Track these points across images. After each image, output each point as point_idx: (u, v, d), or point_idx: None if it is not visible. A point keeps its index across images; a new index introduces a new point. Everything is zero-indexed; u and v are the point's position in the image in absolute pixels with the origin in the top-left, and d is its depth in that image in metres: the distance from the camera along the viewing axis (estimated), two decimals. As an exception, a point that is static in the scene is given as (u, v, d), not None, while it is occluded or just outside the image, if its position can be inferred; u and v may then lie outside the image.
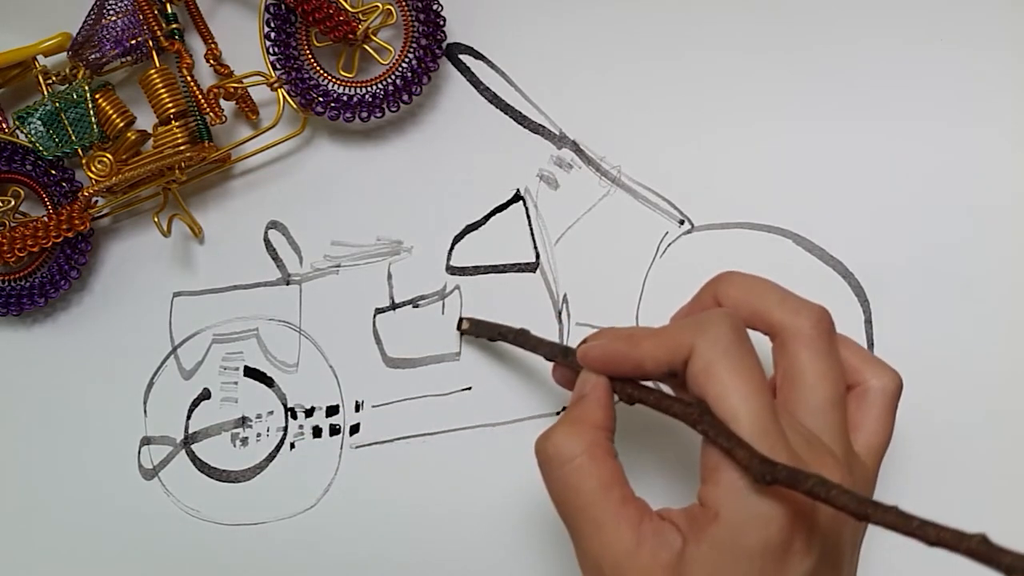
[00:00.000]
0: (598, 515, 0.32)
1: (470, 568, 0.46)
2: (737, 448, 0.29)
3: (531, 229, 0.46)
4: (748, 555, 0.30)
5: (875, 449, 0.35)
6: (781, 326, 0.34)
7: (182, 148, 0.44)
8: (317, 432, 0.47)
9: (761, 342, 0.34)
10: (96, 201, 0.46)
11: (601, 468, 0.33)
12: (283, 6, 0.45)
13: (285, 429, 0.47)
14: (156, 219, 0.46)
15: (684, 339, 0.32)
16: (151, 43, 0.45)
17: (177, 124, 0.44)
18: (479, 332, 0.45)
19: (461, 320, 0.46)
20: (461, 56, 0.47)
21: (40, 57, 0.46)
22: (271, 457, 0.47)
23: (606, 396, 0.35)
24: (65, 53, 0.46)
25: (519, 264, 0.46)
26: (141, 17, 0.45)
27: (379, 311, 0.47)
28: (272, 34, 0.45)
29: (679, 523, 0.32)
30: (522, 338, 0.42)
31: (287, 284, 0.48)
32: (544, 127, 0.47)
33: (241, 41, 0.47)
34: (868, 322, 0.44)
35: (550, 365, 0.46)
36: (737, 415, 0.30)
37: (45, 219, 0.45)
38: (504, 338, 0.43)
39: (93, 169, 0.45)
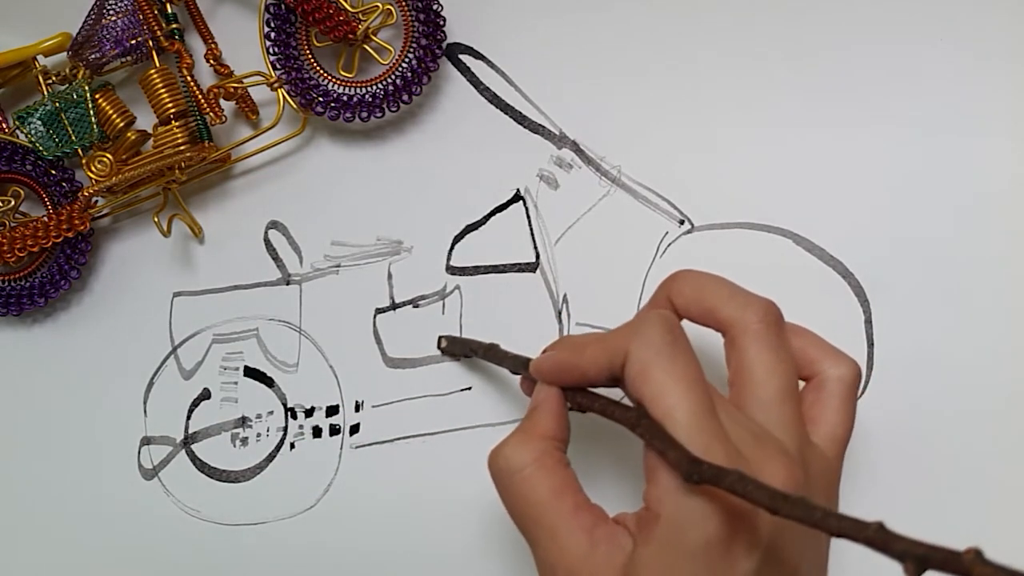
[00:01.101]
0: (551, 523, 0.32)
1: (470, 568, 0.46)
2: (669, 449, 0.29)
3: (531, 229, 0.46)
4: (691, 553, 0.30)
5: (836, 440, 0.35)
6: (729, 322, 0.34)
7: (182, 148, 0.44)
8: (317, 432, 0.47)
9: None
10: (96, 201, 0.46)
11: (552, 477, 0.33)
12: (283, 6, 0.45)
13: (285, 429, 0.47)
14: (156, 219, 0.46)
15: (620, 344, 0.32)
16: (151, 43, 0.45)
17: (177, 124, 0.44)
18: (455, 350, 0.46)
19: (440, 339, 0.46)
20: (461, 56, 0.47)
21: (40, 57, 0.46)
22: (271, 457, 0.47)
23: (557, 406, 0.35)
24: (65, 53, 0.46)
25: (519, 264, 0.46)
26: (141, 17, 0.45)
27: (379, 311, 0.47)
28: (272, 34, 0.46)
29: (630, 526, 0.32)
30: (491, 353, 0.42)
31: (287, 284, 0.48)
32: (544, 127, 0.47)
33: (241, 41, 0.47)
34: (868, 322, 0.44)
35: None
36: (672, 415, 0.30)
37: (45, 219, 0.45)
38: (476, 353, 0.43)
39: (93, 169, 0.45)
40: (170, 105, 0.44)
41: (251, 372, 0.48)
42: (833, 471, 0.35)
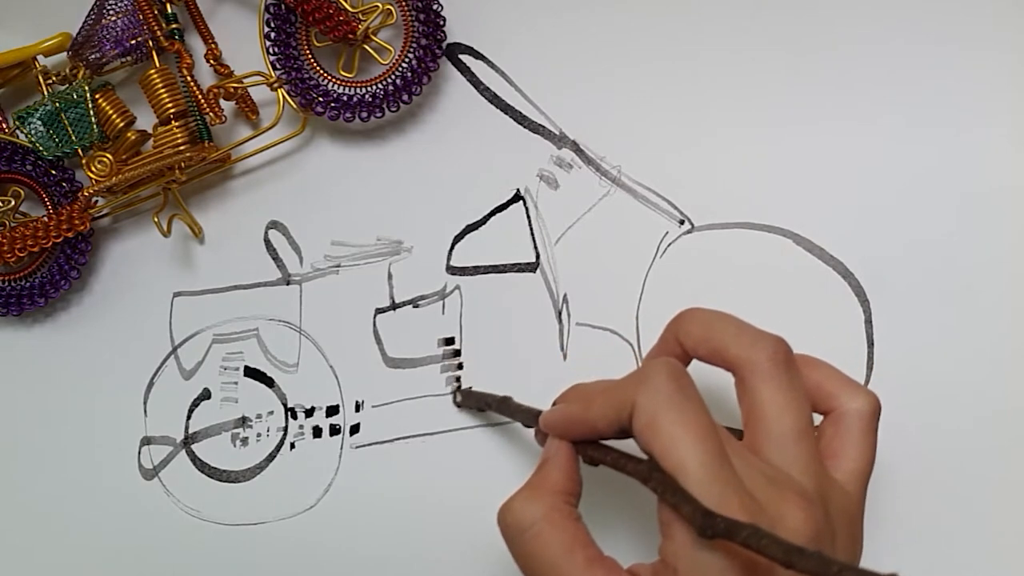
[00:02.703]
0: None
1: (470, 568, 0.46)
2: (683, 503, 0.29)
3: (531, 229, 0.46)
4: None
5: (857, 474, 0.34)
6: (738, 361, 0.34)
7: (182, 148, 0.44)
8: (317, 432, 0.47)
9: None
10: (96, 201, 0.46)
11: (562, 532, 0.32)
12: (283, 6, 0.45)
13: (285, 429, 0.47)
14: (156, 219, 0.46)
15: (627, 395, 0.32)
16: (151, 43, 0.45)
17: (177, 124, 0.44)
18: (470, 403, 0.45)
19: (455, 395, 0.46)
20: (461, 56, 0.47)
21: (40, 57, 0.46)
22: (271, 457, 0.47)
23: (567, 460, 0.35)
24: (65, 53, 0.46)
25: (519, 264, 0.46)
26: (141, 17, 0.45)
27: (379, 311, 0.47)
28: (272, 34, 0.45)
29: None
30: (504, 406, 0.42)
31: (287, 284, 0.48)
32: (544, 127, 0.47)
33: (241, 41, 0.47)
34: (868, 322, 0.44)
35: (551, 363, 0.46)
36: (684, 466, 0.30)
37: (45, 219, 0.45)
38: (489, 407, 0.43)
39: (93, 169, 0.45)
40: (170, 105, 0.44)
41: (251, 372, 0.47)
42: (855, 506, 0.34)
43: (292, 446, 0.47)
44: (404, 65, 0.45)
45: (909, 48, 0.45)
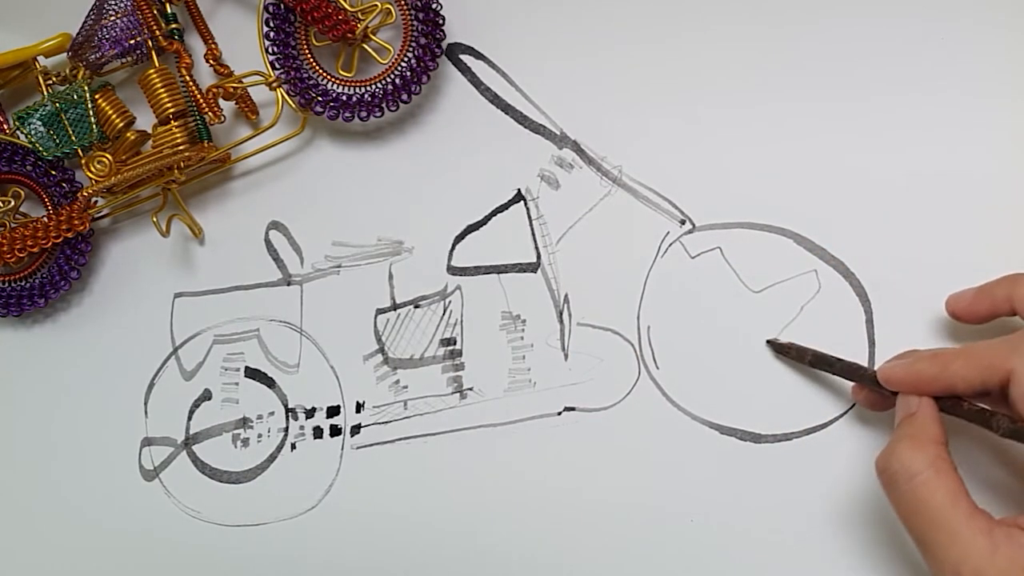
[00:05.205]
0: (950, 526, 0.34)
1: (470, 569, 0.45)
2: None
3: (532, 229, 0.46)
4: None
5: None
6: None
7: (181, 148, 0.44)
8: (318, 433, 0.47)
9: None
10: (96, 201, 0.46)
11: (947, 481, 0.34)
12: (282, 6, 0.45)
13: (286, 430, 0.47)
14: (155, 219, 0.46)
15: (999, 362, 0.35)
16: (150, 43, 0.45)
17: (176, 124, 0.44)
18: (788, 354, 0.44)
19: (771, 343, 0.44)
20: (462, 56, 0.47)
21: (40, 58, 0.46)
22: (272, 458, 0.47)
23: (936, 412, 0.37)
24: (65, 54, 0.46)
25: (520, 264, 0.46)
26: (140, 17, 0.45)
27: (380, 311, 0.47)
28: (271, 34, 0.45)
29: None
30: (820, 359, 0.42)
31: (288, 284, 0.48)
32: (545, 127, 0.46)
33: (241, 41, 0.47)
34: (869, 322, 0.44)
35: (549, 365, 0.46)
36: None
37: (45, 219, 0.45)
38: (804, 360, 0.43)
39: (93, 169, 0.45)
40: (169, 105, 0.44)
41: (252, 373, 0.47)
42: None
43: (293, 447, 0.47)
44: (403, 64, 0.45)
45: (910, 49, 0.44)
